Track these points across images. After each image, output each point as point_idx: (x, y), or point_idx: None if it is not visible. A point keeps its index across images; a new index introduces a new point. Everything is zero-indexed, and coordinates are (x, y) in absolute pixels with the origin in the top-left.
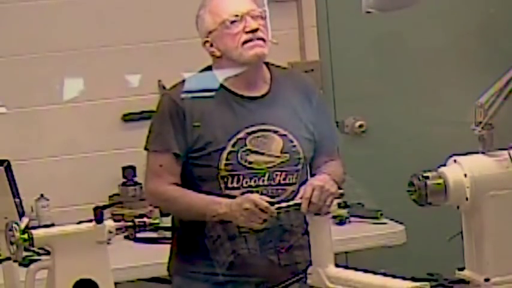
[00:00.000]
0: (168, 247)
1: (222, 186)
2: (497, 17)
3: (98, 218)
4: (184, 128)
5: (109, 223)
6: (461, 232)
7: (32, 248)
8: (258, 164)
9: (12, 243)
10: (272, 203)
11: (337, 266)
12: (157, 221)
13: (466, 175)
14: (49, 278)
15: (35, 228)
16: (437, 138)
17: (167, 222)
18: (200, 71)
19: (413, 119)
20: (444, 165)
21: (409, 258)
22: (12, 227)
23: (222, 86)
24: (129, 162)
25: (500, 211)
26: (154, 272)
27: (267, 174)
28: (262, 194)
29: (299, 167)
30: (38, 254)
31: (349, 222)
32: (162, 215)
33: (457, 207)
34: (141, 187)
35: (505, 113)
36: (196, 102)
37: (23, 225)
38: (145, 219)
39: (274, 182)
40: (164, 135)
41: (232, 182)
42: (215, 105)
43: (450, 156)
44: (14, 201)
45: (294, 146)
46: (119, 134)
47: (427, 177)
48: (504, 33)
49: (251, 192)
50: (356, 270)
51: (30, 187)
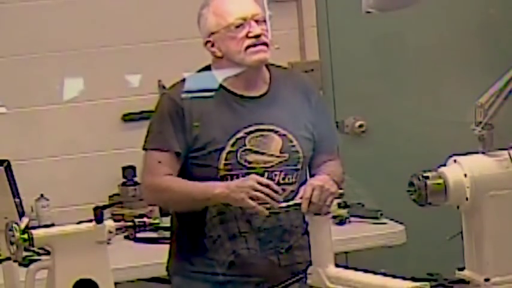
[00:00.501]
0: (168, 247)
1: None
2: (497, 17)
3: (98, 218)
4: (183, 128)
5: (109, 223)
6: (461, 232)
7: (32, 248)
8: (257, 164)
9: (12, 243)
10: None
11: (337, 266)
12: (157, 221)
13: (466, 175)
14: (49, 278)
15: (35, 228)
16: (437, 138)
17: (167, 222)
18: (199, 71)
19: (413, 119)
20: (444, 165)
21: (409, 258)
22: (12, 227)
23: (221, 86)
24: (129, 162)
25: (500, 211)
26: (154, 272)
27: (266, 174)
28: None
29: (298, 167)
30: (38, 254)
31: (349, 222)
32: (162, 215)
33: (457, 207)
34: (141, 187)
35: (505, 113)
36: (196, 102)
37: (23, 225)
38: (145, 219)
39: (274, 181)
40: (165, 134)
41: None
42: (214, 105)
43: (450, 156)
44: (14, 201)
45: (293, 145)
46: (119, 134)
47: (427, 177)
48: (504, 33)
49: None
50: (356, 270)
51: (30, 187)
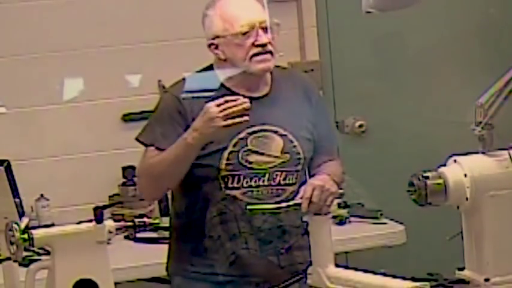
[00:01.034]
0: (168, 247)
1: (222, 186)
2: (497, 17)
3: (98, 218)
4: (185, 126)
5: (109, 223)
6: (461, 232)
7: (32, 248)
8: (259, 164)
9: (12, 243)
10: (270, 203)
11: (337, 266)
12: (157, 221)
13: (466, 175)
14: (49, 278)
15: (35, 228)
16: (437, 138)
17: (167, 222)
18: (201, 70)
19: (413, 119)
20: (444, 165)
21: (409, 258)
22: (12, 227)
23: (223, 86)
24: (129, 162)
25: (500, 211)
26: (154, 272)
27: (267, 175)
28: (262, 194)
29: (299, 167)
30: (38, 254)
31: (349, 222)
32: (162, 215)
33: (457, 207)
34: None
35: (505, 113)
36: (198, 101)
37: (23, 225)
38: (145, 219)
39: (275, 182)
40: (163, 133)
41: (232, 182)
42: None
43: (450, 156)
44: (14, 201)
45: (294, 146)
46: (119, 134)
47: (427, 177)
48: (504, 33)
49: (251, 192)
50: (356, 270)
51: (30, 187)
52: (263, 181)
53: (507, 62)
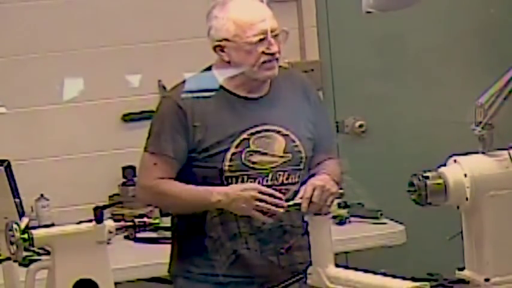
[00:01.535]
0: (168, 247)
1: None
2: (497, 17)
3: (98, 218)
4: (185, 131)
5: (109, 223)
6: (461, 232)
7: (32, 248)
8: (262, 165)
9: (12, 243)
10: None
11: (337, 266)
12: (157, 221)
13: (466, 175)
14: (49, 278)
15: (35, 228)
16: (437, 138)
17: (167, 222)
18: (201, 72)
19: (413, 119)
20: (444, 165)
21: (409, 258)
22: (12, 227)
23: (223, 88)
24: (129, 162)
25: (500, 211)
26: (154, 272)
27: (271, 175)
28: None
29: (301, 167)
30: (38, 254)
31: (349, 222)
32: (162, 215)
33: (457, 207)
34: None
35: (505, 113)
36: (198, 104)
37: (23, 225)
38: (145, 219)
39: (278, 182)
40: (162, 139)
41: (236, 183)
42: (217, 106)
43: (450, 156)
44: (14, 201)
45: (296, 145)
46: (119, 134)
47: (427, 177)
48: (504, 33)
49: None
50: (356, 270)
51: (30, 187)
52: (266, 181)
53: (507, 62)
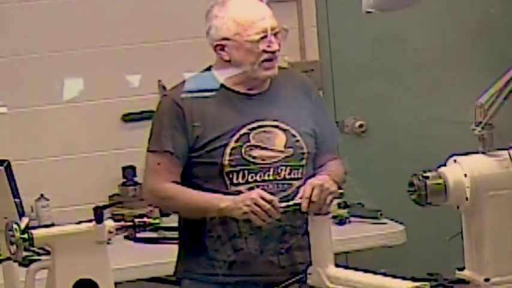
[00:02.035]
0: (168, 247)
1: (228, 183)
2: (497, 17)
3: (98, 218)
4: (184, 128)
5: (109, 223)
6: (461, 232)
7: (32, 248)
8: (262, 159)
9: (12, 243)
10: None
11: (337, 266)
12: (157, 221)
13: (466, 175)
14: (49, 278)
15: (35, 228)
16: (437, 138)
17: (167, 222)
18: (201, 72)
19: (413, 119)
20: (444, 165)
21: (409, 258)
22: (12, 227)
23: (222, 85)
24: (129, 162)
25: (500, 211)
26: (154, 272)
27: (272, 169)
28: (268, 188)
29: (303, 163)
30: (38, 254)
31: (349, 222)
32: (162, 215)
33: (457, 207)
34: (141, 187)
35: (505, 113)
36: (197, 102)
37: (23, 225)
38: (145, 219)
39: (280, 176)
40: (162, 136)
41: (237, 178)
42: (216, 103)
43: (450, 156)
44: (14, 201)
45: (297, 140)
46: (119, 134)
47: (427, 177)
48: (504, 33)
49: (257, 187)
50: (356, 270)
51: (30, 187)
52: (268, 176)
53: (507, 62)
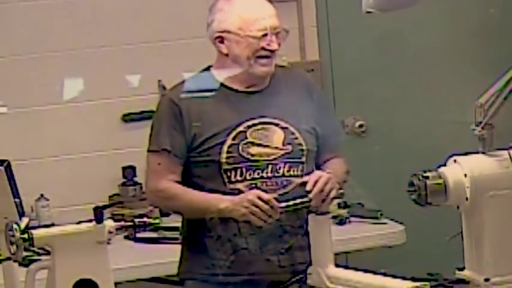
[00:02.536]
0: (168, 247)
1: (226, 180)
2: (497, 17)
3: (98, 218)
4: (182, 128)
5: (109, 223)
6: (461, 232)
7: (32, 248)
8: (261, 156)
9: (12, 243)
10: (278, 200)
11: (337, 266)
12: (157, 221)
13: (466, 175)
14: (49, 278)
15: (35, 228)
16: (437, 138)
17: (167, 222)
18: (200, 72)
19: (413, 119)
20: (444, 165)
21: (409, 258)
22: (12, 227)
23: (221, 84)
24: (129, 162)
25: (500, 211)
26: (154, 272)
27: (270, 166)
28: (267, 185)
29: (303, 160)
30: (38, 254)
31: (349, 222)
32: (162, 215)
33: (457, 207)
34: (141, 187)
35: (505, 113)
36: (195, 101)
37: (23, 225)
38: (145, 219)
39: (278, 173)
40: (160, 135)
41: (235, 176)
42: (214, 102)
43: (450, 156)
44: (14, 201)
45: (296, 138)
46: (119, 134)
47: (427, 177)
48: (504, 33)
49: (255, 184)
50: (356, 270)
51: (30, 187)
52: (266, 173)
53: (507, 62)
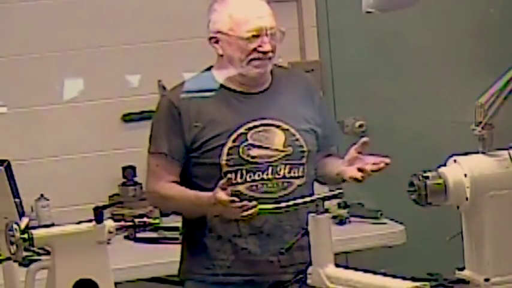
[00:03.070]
0: (168, 247)
1: None
2: (497, 17)
3: (98, 218)
4: (181, 129)
5: (109, 223)
6: (461, 232)
7: (32, 248)
8: (261, 158)
9: (12, 243)
10: (278, 202)
11: (337, 266)
12: (157, 221)
13: (466, 175)
14: (49, 278)
15: (35, 228)
16: (437, 138)
17: (167, 222)
18: (201, 72)
19: (413, 119)
20: (444, 165)
21: (409, 258)
22: (12, 227)
23: (221, 85)
24: (129, 162)
25: (500, 211)
26: (154, 272)
27: (271, 168)
28: (267, 187)
29: (303, 161)
30: (38, 254)
31: (349, 222)
32: (162, 215)
33: (457, 207)
34: (141, 187)
35: (505, 113)
36: (194, 103)
37: (23, 225)
38: (145, 219)
39: (279, 175)
40: (158, 138)
41: (235, 178)
42: (213, 103)
43: (450, 156)
44: (14, 201)
45: (297, 139)
46: (119, 134)
47: (427, 177)
48: (504, 33)
49: (256, 186)
50: (356, 270)
51: (30, 187)
52: (267, 174)
53: (507, 62)
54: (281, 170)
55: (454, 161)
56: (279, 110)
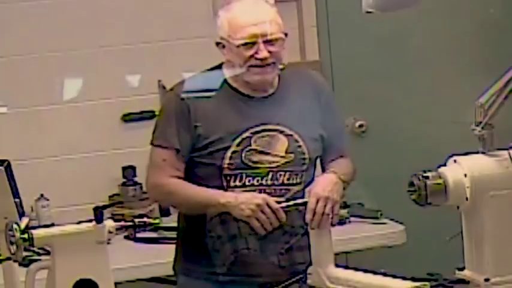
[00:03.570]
0: (168, 247)
1: (225, 184)
2: (497, 17)
3: (98, 218)
4: (188, 125)
5: (109, 223)
6: (461, 232)
7: (32, 248)
8: (262, 164)
9: (12, 243)
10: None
11: (337, 266)
12: (157, 221)
13: (466, 175)
14: (49, 278)
15: (35, 228)
16: (437, 138)
17: (167, 222)
18: (212, 68)
19: (413, 119)
20: (444, 165)
21: (409, 258)
22: (12, 227)
23: (229, 86)
24: (129, 162)
25: (500, 211)
26: (154, 272)
27: (271, 174)
28: (265, 193)
29: (304, 168)
30: (38, 254)
31: (349, 222)
32: (162, 215)
33: (457, 207)
34: (141, 187)
35: (505, 113)
36: (202, 100)
37: (23, 225)
38: (145, 219)
39: (278, 182)
40: (169, 132)
41: (234, 181)
42: (221, 103)
43: (450, 156)
44: (14, 201)
45: (300, 146)
46: (119, 134)
47: (427, 177)
48: (504, 33)
49: (253, 191)
50: (356, 270)
51: (30, 187)
52: (266, 180)
53: (507, 62)
54: (281, 176)
55: (454, 161)
56: (285, 115)
